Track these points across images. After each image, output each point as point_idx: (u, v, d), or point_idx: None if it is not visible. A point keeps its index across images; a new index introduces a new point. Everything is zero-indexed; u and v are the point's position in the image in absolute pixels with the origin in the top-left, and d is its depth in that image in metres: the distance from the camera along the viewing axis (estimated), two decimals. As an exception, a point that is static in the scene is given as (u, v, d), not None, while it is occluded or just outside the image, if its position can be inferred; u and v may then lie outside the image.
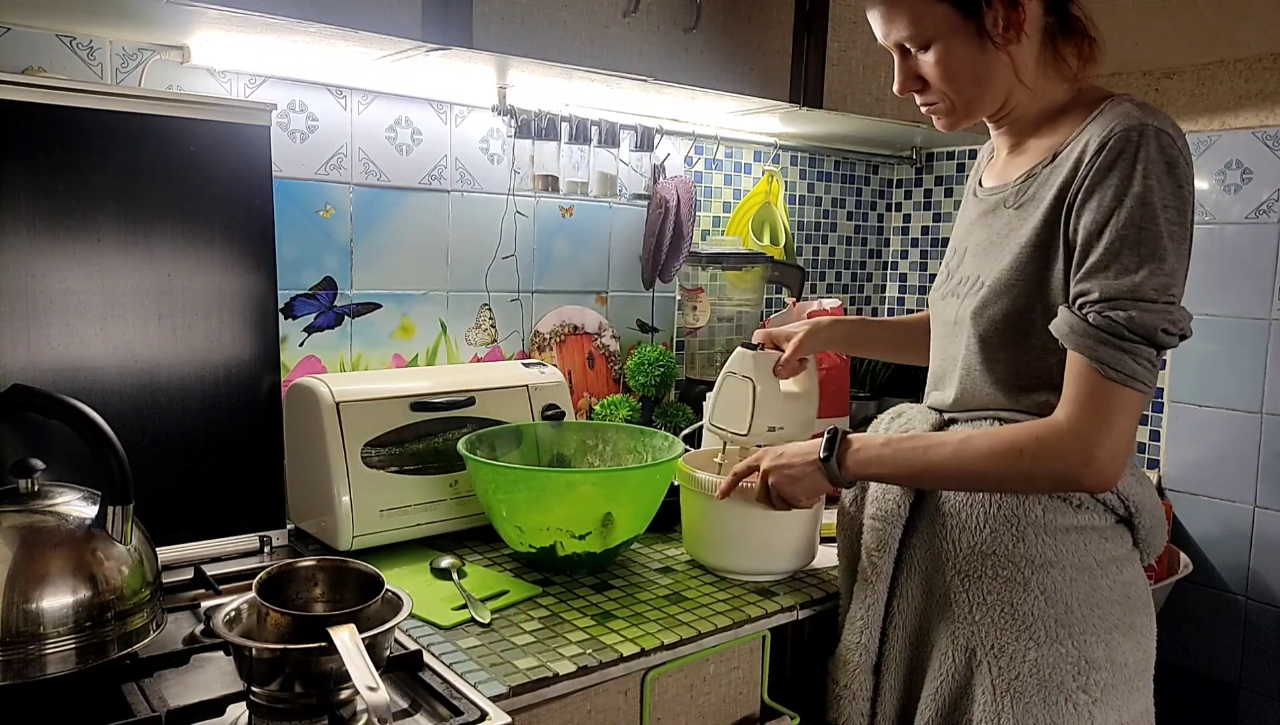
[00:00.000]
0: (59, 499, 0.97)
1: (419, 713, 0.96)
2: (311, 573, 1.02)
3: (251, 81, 1.48)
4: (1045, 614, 1.08)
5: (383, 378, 1.51)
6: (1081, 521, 1.10)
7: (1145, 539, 1.15)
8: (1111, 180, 1.01)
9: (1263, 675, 1.94)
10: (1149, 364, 1.01)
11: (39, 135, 1.17)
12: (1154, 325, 0.99)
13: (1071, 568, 1.09)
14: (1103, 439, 1.00)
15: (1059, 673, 1.07)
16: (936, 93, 1.14)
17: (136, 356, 1.26)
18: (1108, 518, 1.12)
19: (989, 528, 1.11)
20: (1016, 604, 1.09)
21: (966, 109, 1.14)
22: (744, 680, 1.26)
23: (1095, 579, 1.09)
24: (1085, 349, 1.01)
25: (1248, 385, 1.91)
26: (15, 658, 0.88)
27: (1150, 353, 1.00)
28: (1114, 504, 1.11)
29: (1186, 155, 1.04)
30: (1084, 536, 1.10)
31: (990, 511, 1.11)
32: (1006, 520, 1.10)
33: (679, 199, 1.90)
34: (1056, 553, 1.09)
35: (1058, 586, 1.08)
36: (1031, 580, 1.09)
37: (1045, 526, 1.09)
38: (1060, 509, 1.10)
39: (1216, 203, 1.94)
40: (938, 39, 1.10)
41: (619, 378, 1.99)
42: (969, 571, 1.12)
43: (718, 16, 1.54)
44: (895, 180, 2.56)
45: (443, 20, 1.25)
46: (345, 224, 1.61)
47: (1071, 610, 1.08)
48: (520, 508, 1.29)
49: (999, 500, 1.11)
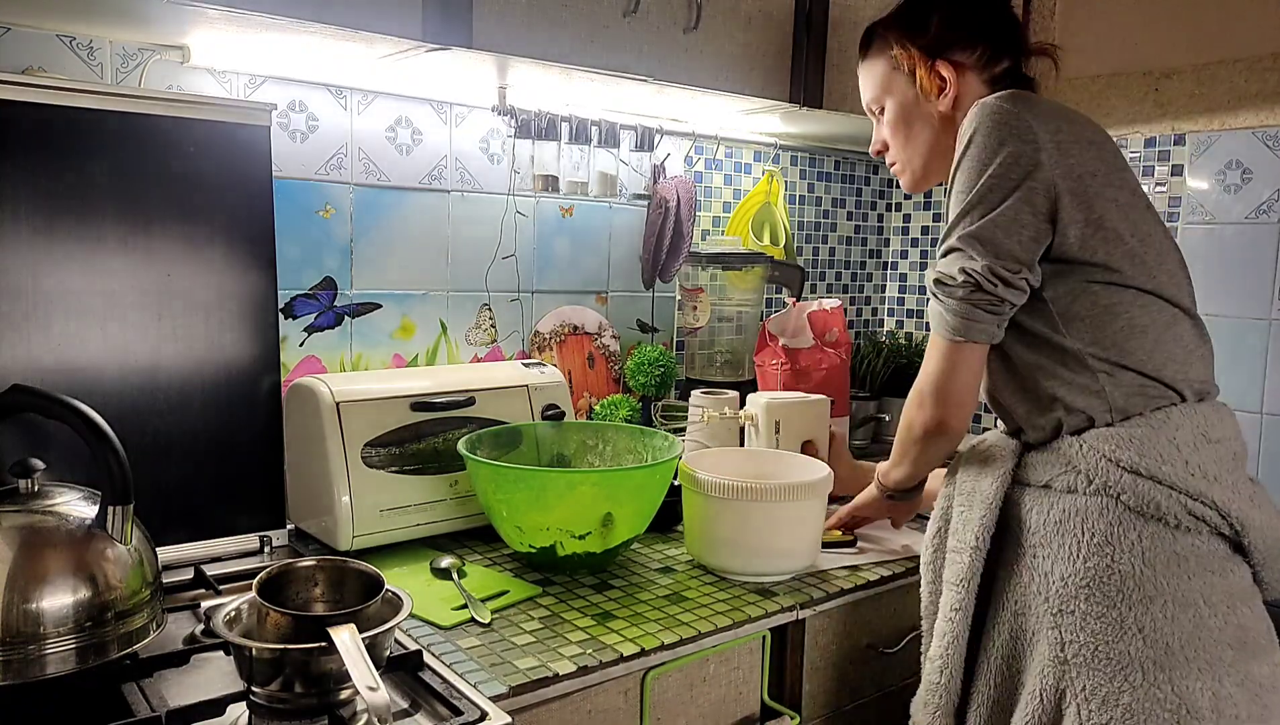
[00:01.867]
0: (59, 499, 0.97)
1: (419, 713, 0.96)
2: (311, 573, 1.02)
3: (251, 81, 1.48)
4: (1143, 655, 1.00)
5: (383, 378, 1.51)
6: (1182, 547, 1.02)
7: (1261, 565, 1.05)
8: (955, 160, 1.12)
9: (1263, 675, 1.93)
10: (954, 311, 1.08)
11: (39, 135, 1.17)
12: (951, 267, 1.07)
13: (1174, 603, 1.01)
14: (925, 381, 1.14)
15: (1155, 719, 0.99)
16: (893, 153, 1.28)
17: (136, 356, 1.26)
18: (1214, 541, 1.03)
19: (1082, 557, 1.04)
20: (1112, 643, 1.01)
21: (915, 168, 1.27)
22: (744, 680, 1.26)
23: (1202, 618, 1.01)
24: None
25: (1248, 385, 1.91)
26: (15, 658, 0.88)
27: (954, 303, 1.07)
28: (1214, 520, 1.02)
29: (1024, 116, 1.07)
30: (1186, 567, 1.02)
31: (1082, 539, 1.04)
32: (1099, 548, 1.03)
33: (679, 199, 1.90)
34: (1156, 586, 1.01)
35: (1157, 624, 1.00)
36: (1128, 617, 1.01)
37: (1142, 554, 1.02)
38: (1158, 533, 1.02)
39: (1216, 203, 1.94)
40: (889, 99, 1.26)
41: (619, 378, 1.99)
42: (1060, 606, 1.05)
43: (718, 16, 1.54)
44: (895, 180, 2.55)
45: (443, 20, 1.25)
46: (345, 224, 1.61)
47: (1172, 652, 1.00)
48: (520, 508, 1.29)
49: (1091, 527, 1.04)
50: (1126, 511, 1.03)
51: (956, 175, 1.10)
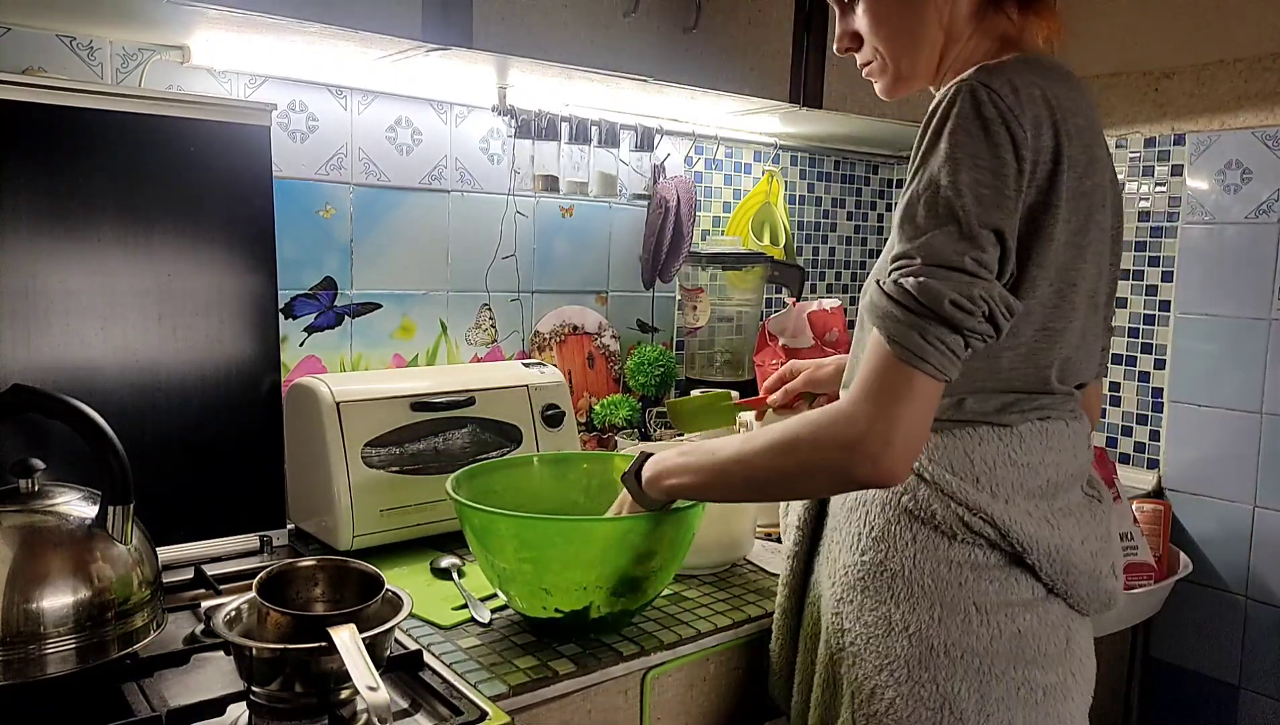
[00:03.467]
0: (59, 499, 0.97)
1: (419, 712, 0.96)
2: (312, 573, 1.02)
3: (251, 81, 1.48)
4: (908, 653, 0.97)
5: (383, 378, 1.51)
6: (956, 555, 0.97)
7: (1059, 588, 0.99)
8: (925, 141, 0.92)
9: (1263, 675, 1.94)
10: (940, 345, 0.86)
11: (39, 135, 1.17)
12: (940, 294, 0.85)
13: (942, 607, 0.97)
14: (875, 422, 0.87)
15: (917, 717, 0.97)
16: (869, 49, 1.05)
17: (136, 356, 1.26)
18: (993, 554, 0.98)
19: (860, 549, 1.01)
20: (880, 638, 0.99)
21: (899, 67, 1.04)
22: (744, 680, 1.26)
23: (971, 624, 0.97)
24: (876, 321, 0.89)
25: (1248, 385, 1.91)
26: (15, 658, 0.88)
27: (945, 332, 0.86)
28: (990, 536, 0.96)
29: (1017, 114, 0.89)
30: (958, 573, 0.97)
31: (863, 532, 1.02)
32: (875, 544, 1.00)
33: (679, 199, 1.90)
34: (924, 588, 0.97)
35: (923, 625, 0.97)
36: (895, 615, 0.98)
37: (915, 556, 0.98)
38: (931, 538, 0.98)
39: (1216, 203, 1.94)
40: None
41: (619, 378, 1.99)
42: (841, 594, 1.03)
43: (717, 16, 1.54)
44: (895, 180, 2.56)
45: (443, 20, 1.25)
46: (345, 224, 1.61)
47: (937, 653, 0.97)
48: (553, 566, 1.09)
49: (872, 520, 1.01)
50: (905, 513, 0.99)
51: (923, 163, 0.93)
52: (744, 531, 1.38)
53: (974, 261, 0.87)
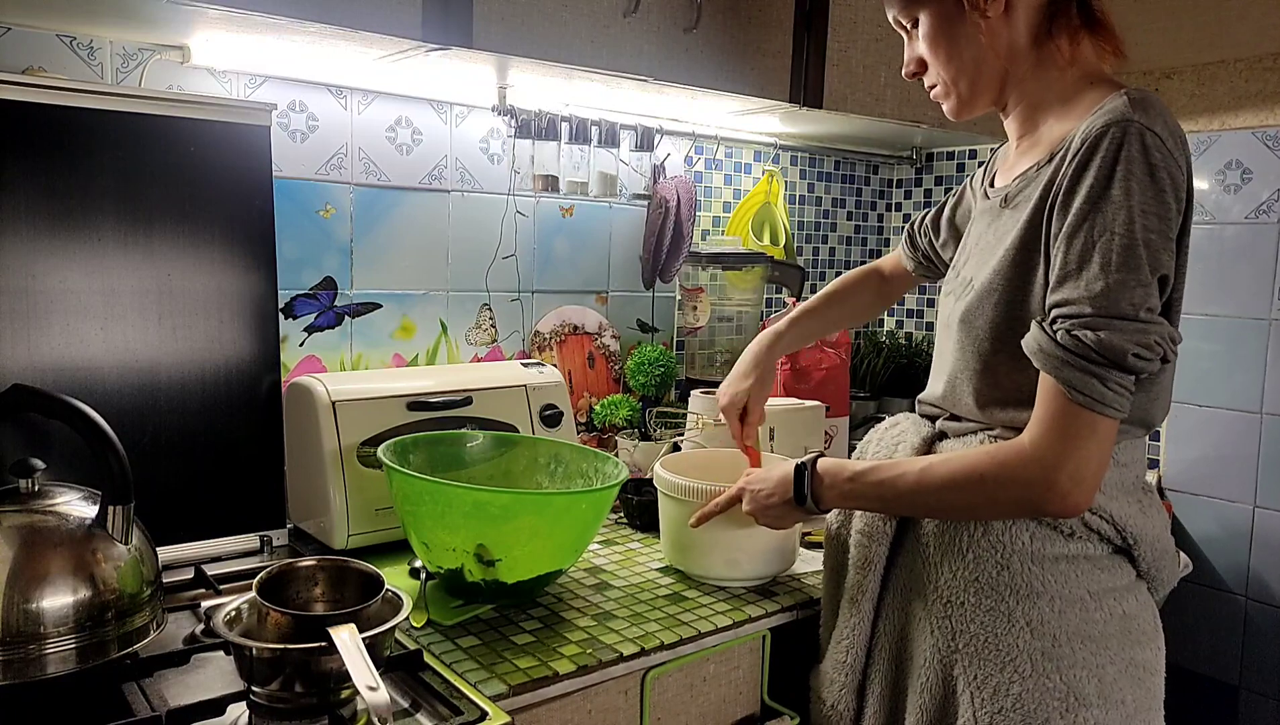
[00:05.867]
0: (59, 499, 0.97)
1: (419, 712, 0.96)
2: (312, 572, 1.02)
3: (251, 81, 1.48)
4: (1031, 647, 1.02)
5: (380, 377, 1.51)
6: (1072, 550, 1.03)
7: (1150, 572, 1.07)
8: (1086, 180, 0.95)
9: (1263, 675, 1.94)
10: (1119, 388, 0.94)
11: (39, 135, 1.17)
12: (1123, 348, 0.92)
13: (1061, 599, 1.02)
14: (1065, 463, 0.94)
15: (1045, 708, 1.01)
16: (933, 74, 1.11)
17: (136, 356, 1.26)
18: (1103, 547, 1.05)
19: (972, 554, 1.05)
20: (1000, 635, 1.03)
21: (960, 91, 1.09)
22: (744, 680, 1.26)
23: (1088, 611, 1.03)
24: (1053, 370, 0.95)
25: (1248, 385, 1.91)
26: (15, 657, 0.88)
27: (1122, 377, 0.94)
28: (1107, 533, 1.04)
29: (1176, 157, 0.96)
30: (1075, 566, 1.03)
31: (975, 537, 1.05)
32: (991, 547, 1.04)
33: (679, 199, 1.90)
34: (1044, 583, 1.02)
35: (1045, 618, 1.02)
36: (1016, 611, 1.03)
37: (1032, 555, 1.03)
38: (1049, 537, 1.03)
39: (1216, 203, 1.94)
40: (923, 8, 1.08)
41: (619, 378, 1.99)
42: (951, 598, 1.06)
43: (718, 16, 1.54)
44: (895, 180, 2.56)
45: (443, 20, 1.25)
46: (345, 224, 1.61)
47: (1059, 644, 1.02)
48: (425, 523, 1.18)
49: (983, 525, 1.05)
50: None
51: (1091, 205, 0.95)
52: (792, 547, 1.34)
53: (1148, 311, 0.93)
